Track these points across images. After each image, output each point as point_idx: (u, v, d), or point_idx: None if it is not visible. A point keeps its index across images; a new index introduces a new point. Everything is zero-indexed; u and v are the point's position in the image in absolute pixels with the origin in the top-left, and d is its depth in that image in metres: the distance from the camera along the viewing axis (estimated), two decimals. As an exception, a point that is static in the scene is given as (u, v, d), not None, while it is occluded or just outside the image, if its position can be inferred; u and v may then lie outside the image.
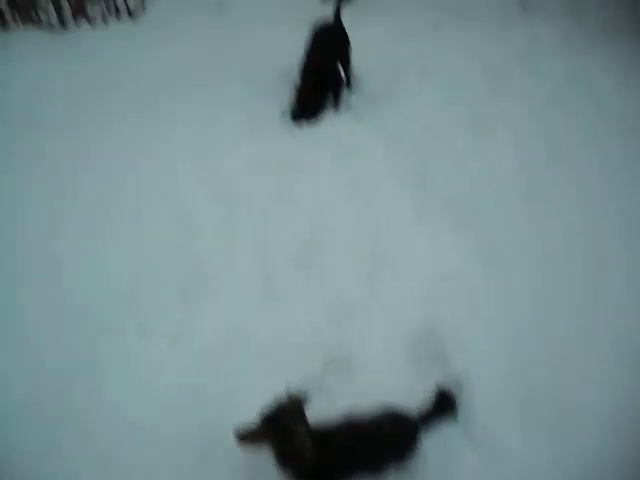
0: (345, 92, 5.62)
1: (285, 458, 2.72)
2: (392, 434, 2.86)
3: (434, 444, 3.03)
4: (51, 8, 6.87)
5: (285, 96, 5.57)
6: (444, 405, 3.05)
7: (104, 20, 7.28)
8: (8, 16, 6.63)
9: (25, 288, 3.88)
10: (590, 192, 4.49)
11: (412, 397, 3.09)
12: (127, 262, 4.09)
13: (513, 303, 3.66)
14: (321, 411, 2.92)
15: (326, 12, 5.81)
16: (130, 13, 7.49)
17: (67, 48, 6.59)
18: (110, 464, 2.96)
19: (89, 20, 7.17)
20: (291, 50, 5.79)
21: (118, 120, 5.34)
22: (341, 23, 5.83)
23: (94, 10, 7.19)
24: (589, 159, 4.77)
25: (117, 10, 7.37)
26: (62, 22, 6.96)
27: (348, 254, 4.09)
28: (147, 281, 3.96)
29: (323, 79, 5.40)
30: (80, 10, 7.07)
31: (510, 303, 3.66)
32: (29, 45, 6.48)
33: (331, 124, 5.30)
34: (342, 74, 5.66)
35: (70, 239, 4.25)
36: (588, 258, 3.97)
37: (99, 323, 3.71)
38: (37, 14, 6.78)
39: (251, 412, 3.03)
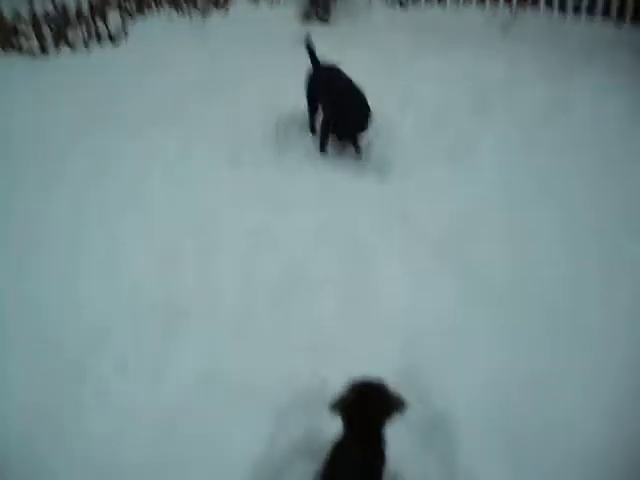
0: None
1: None
2: None
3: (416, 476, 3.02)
4: (32, 34, 6.82)
5: (267, 128, 5.58)
6: None
7: (85, 45, 7.26)
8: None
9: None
10: (574, 224, 4.49)
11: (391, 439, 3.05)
12: (105, 298, 4.02)
13: (497, 340, 3.62)
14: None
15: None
16: (112, 38, 7.48)
17: (47, 73, 6.58)
18: None
19: (70, 45, 7.14)
20: (273, 80, 5.80)
21: (94, 149, 5.29)
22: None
23: (75, 35, 7.17)
24: (574, 189, 4.79)
25: (98, 35, 7.36)
26: (43, 48, 6.92)
27: (328, 291, 4.04)
28: (125, 317, 3.90)
29: None
30: (61, 36, 7.04)
31: (494, 340, 3.62)
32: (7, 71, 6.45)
33: (311, 157, 5.30)
34: None
35: (46, 274, 4.19)
36: (572, 292, 3.97)
37: (76, 360, 3.62)
38: (18, 40, 6.73)
39: (230, 448, 3.10)
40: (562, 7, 8.21)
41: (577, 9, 8.11)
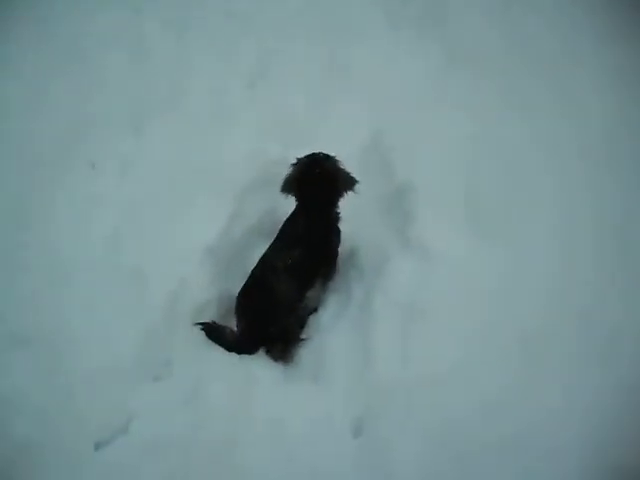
0: None
1: None
2: None
3: (370, 250, 3.03)
4: None
5: None
6: None
7: None
8: None
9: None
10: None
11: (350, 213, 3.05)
12: (76, 95, 3.88)
13: (464, 111, 3.41)
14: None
15: None
16: None
17: None
18: (44, 299, 2.93)
19: None
20: None
21: None
22: None
23: None
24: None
25: None
26: None
27: (303, 69, 3.88)
28: (98, 112, 3.79)
29: None
30: None
31: (461, 110, 3.42)
32: None
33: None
34: None
35: (20, 78, 3.99)
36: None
37: (48, 161, 3.55)
38: None
39: (190, 230, 3.11)
40: None
41: None
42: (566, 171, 3.12)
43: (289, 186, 2.98)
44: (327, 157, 2.97)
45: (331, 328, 2.83)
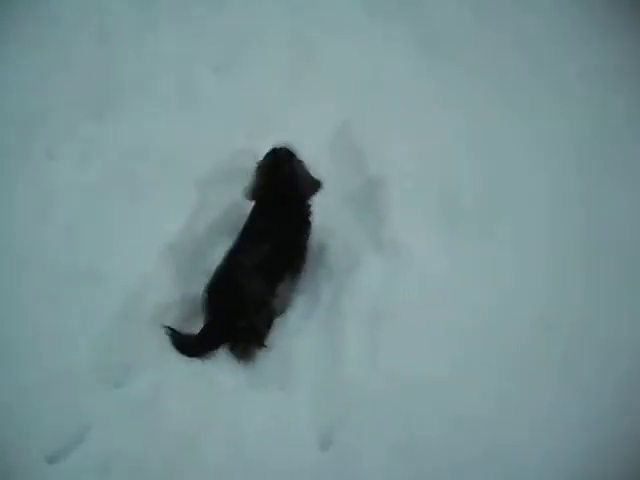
0: None
1: None
2: None
3: (340, 249, 2.92)
4: None
5: None
6: None
7: None
8: None
9: None
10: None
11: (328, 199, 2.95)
12: (37, 78, 3.72)
13: (441, 101, 3.31)
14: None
15: None
16: None
17: None
18: (8, 296, 2.79)
19: None
20: None
21: None
22: None
23: None
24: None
25: None
26: None
27: (272, 55, 3.72)
28: (58, 98, 3.63)
29: None
30: None
31: (437, 101, 3.31)
32: None
33: None
34: None
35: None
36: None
37: (8, 147, 3.41)
38: None
39: (148, 235, 2.94)
40: None
41: None
42: (556, 170, 2.99)
43: (252, 195, 2.91)
44: (290, 156, 2.88)
45: (299, 331, 2.70)
